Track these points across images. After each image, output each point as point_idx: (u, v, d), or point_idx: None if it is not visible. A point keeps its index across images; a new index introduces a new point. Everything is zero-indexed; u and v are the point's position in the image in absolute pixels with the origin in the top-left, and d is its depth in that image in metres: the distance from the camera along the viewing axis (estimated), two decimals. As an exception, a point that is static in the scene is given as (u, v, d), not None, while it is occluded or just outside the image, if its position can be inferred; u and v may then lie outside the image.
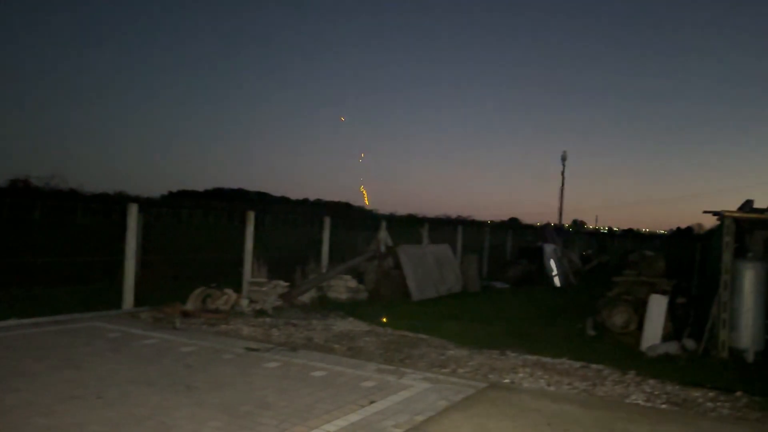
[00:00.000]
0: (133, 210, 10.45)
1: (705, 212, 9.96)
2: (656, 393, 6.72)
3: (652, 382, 7.21)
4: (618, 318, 10.18)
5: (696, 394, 6.79)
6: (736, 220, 9.46)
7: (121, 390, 5.58)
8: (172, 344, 7.64)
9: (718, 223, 10.51)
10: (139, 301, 10.28)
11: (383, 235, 15.33)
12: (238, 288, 11.44)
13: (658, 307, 9.54)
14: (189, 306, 10.05)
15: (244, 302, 10.65)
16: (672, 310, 9.87)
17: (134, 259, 10.38)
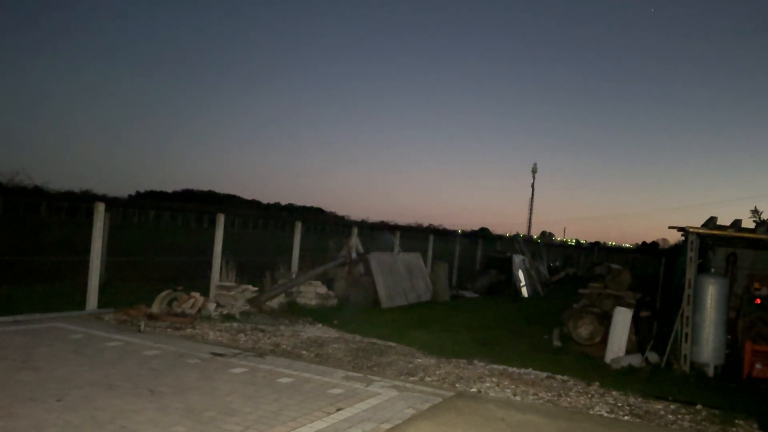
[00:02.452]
0: (99, 209, 10.24)
1: (670, 227, 10.17)
2: (619, 405, 6.82)
3: (615, 393, 7.32)
4: (583, 330, 10.31)
5: (658, 406, 6.91)
6: (700, 236, 9.68)
7: (82, 393, 5.46)
8: (136, 347, 7.50)
9: (683, 238, 10.74)
10: (103, 303, 10.07)
11: (354, 241, 15.30)
12: (205, 292, 11.29)
13: (622, 319, 9.69)
14: (154, 309, 9.88)
15: (211, 306, 10.51)
16: (636, 323, 10.04)
17: (99, 259, 10.18)
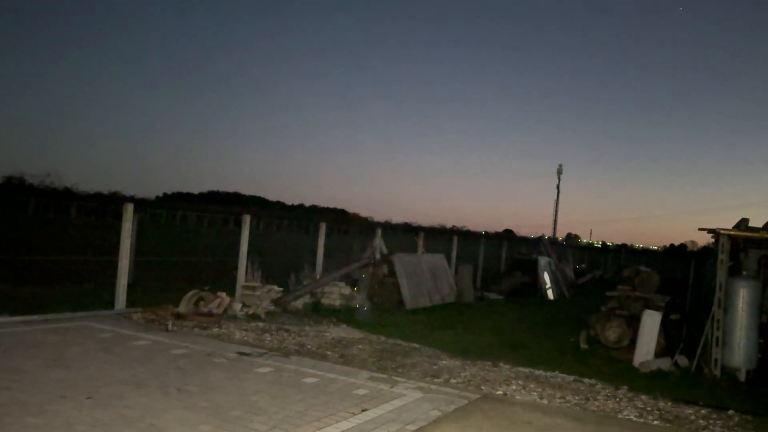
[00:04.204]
0: (128, 210, 10.39)
1: (700, 229, 9.98)
2: (648, 409, 6.70)
3: (644, 397, 7.20)
4: (611, 333, 10.17)
5: (688, 411, 6.78)
6: (731, 238, 9.49)
7: (112, 391, 5.53)
8: (164, 346, 7.59)
9: (713, 240, 10.54)
10: (131, 302, 10.21)
11: (378, 242, 15.30)
12: (231, 292, 11.38)
13: (651, 322, 9.53)
14: (181, 308, 9.99)
15: (237, 306, 10.59)
16: (665, 327, 9.87)
17: (128, 259, 10.31)
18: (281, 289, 12.06)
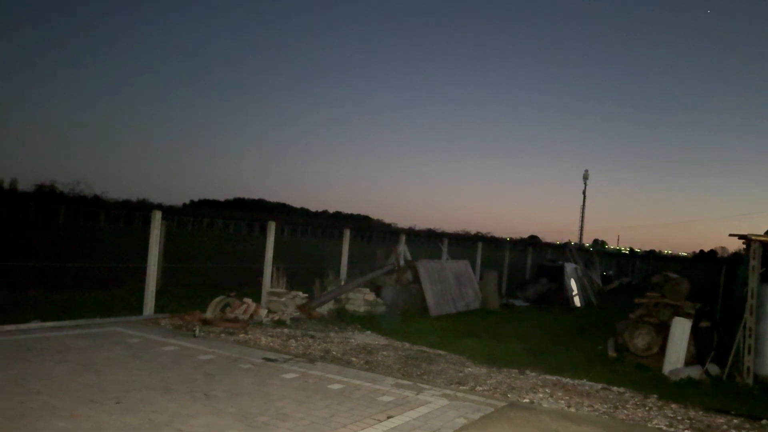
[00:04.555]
0: (156, 217, 10.54)
1: (731, 235, 9.78)
2: (679, 418, 6.58)
3: (674, 406, 7.07)
4: (640, 340, 10.01)
5: (720, 420, 6.64)
6: (763, 244, 9.29)
7: (140, 396, 5.60)
8: (191, 352, 7.67)
9: (744, 246, 10.32)
10: (159, 308, 10.34)
11: (402, 248, 15.28)
12: (257, 298, 11.46)
13: (681, 330, 9.36)
14: (208, 314, 10.08)
15: (263, 312, 10.66)
16: (696, 334, 9.68)
17: (156, 265, 10.45)
18: (306, 295, 12.11)
